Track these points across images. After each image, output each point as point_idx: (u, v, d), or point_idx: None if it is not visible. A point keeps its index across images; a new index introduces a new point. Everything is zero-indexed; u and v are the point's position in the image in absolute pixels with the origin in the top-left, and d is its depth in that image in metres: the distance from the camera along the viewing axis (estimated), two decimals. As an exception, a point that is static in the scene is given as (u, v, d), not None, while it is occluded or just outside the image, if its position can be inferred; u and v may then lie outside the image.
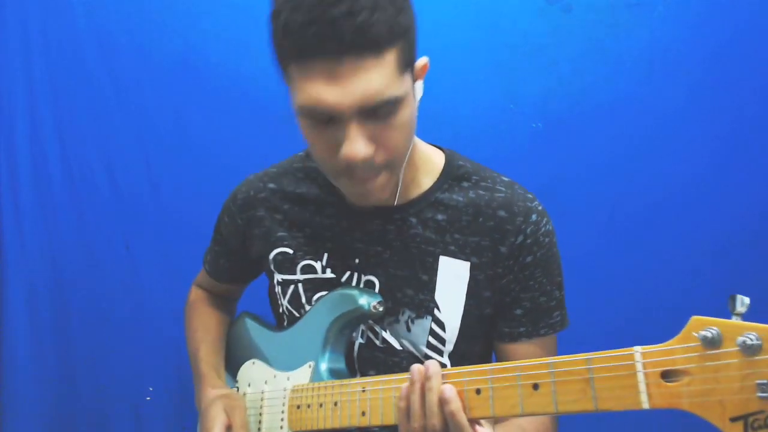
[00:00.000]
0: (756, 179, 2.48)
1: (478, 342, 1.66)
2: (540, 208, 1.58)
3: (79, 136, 2.67)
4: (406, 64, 1.33)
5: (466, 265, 1.56)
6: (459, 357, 1.60)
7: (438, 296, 1.57)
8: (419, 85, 1.46)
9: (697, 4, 2.49)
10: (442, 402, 1.23)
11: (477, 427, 1.25)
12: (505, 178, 1.62)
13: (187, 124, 2.67)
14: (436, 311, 1.57)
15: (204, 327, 1.94)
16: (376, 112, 1.29)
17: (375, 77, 1.25)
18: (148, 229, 2.67)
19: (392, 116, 1.32)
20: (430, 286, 1.57)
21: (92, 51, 2.66)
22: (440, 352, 1.59)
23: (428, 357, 1.58)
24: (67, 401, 2.67)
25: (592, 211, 2.53)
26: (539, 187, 1.63)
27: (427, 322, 1.57)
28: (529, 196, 1.59)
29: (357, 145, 1.30)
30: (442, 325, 1.57)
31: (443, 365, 1.57)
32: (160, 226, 2.66)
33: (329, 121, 1.31)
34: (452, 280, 1.56)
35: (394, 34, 1.26)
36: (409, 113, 1.37)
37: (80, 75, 2.66)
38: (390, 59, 1.27)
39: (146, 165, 2.67)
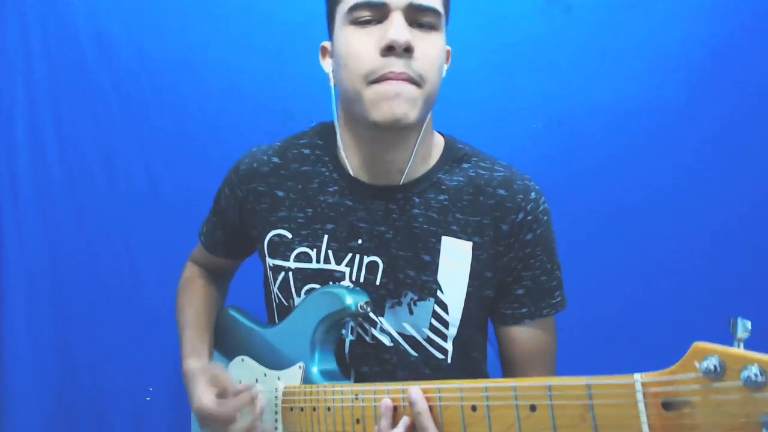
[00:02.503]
0: (756, 178, 2.49)
1: (481, 329, 1.69)
2: (537, 187, 1.62)
3: (79, 136, 2.67)
4: (446, 10, 1.52)
5: (468, 245, 1.57)
6: (463, 344, 1.62)
7: (441, 277, 1.58)
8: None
9: (697, 4, 2.49)
10: (410, 404, 1.25)
11: None
12: (503, 162, 1.67)
13: (187, 124, 2.66)
14: (438, 293, 1.58)
15: (193, 307, 1.96)
16: (421, 19, 1.43)
17: None
18: (148, 229, 2.67)
19: (432, 32, 1.45)
20: (433, 267, 1.58)
21: (92, 51, 2.65)
22: (443, 336, 1.60)
23: (431, 340, 1.60)
24: (67, 401, 2.67)
25: (592, 211, 2.54)
26: (539, 187, 1.64)
27: (429, 304, 1.58)
28: (527, 176, 1.63)
29: (402, 29, 1.39)
30: (445, 307, 1.58)
31: (446, 351, 1.61)
32: (160, 226, 2.66)
33: (375, 19, 1.43)
34: (455, 261, 1.58)
35: None
36: (442, 47, 1.51)
37: (80, 75, 2.66)
38: None
39: (146, 165, 2.67)
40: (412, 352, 1.61)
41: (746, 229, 2.50)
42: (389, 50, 1.39)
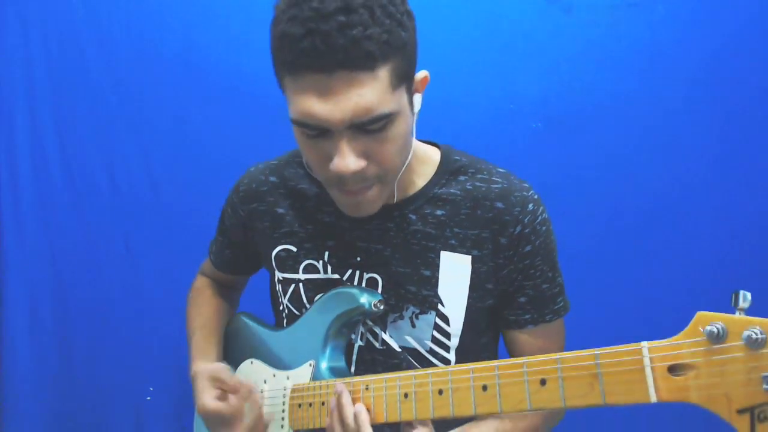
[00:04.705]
0: (756, 179, 2.49)
1: (483, 334, 1.68)
2: (536, 197, 1.59)
3: (79, 136, 2.68)
4: (401, 79, 1.32)
5: (468, 258, 1.56)
6: (464, 351, 1.61)
7: (441, 291, 1.57)
8: (418, 98, 1.45)
9: (697, 4, 2.49)
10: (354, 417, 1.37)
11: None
12: (501, 170, 1.63)
13: (187, 124, 2.67)
14: (440, 306, 1.57)
15: (203, 315, 1.95)
16: (368, 127, 1.29)
17: (367, 93, 1.25)
18: (148, 229, 2.67)
19: (384, 131, 1.32)
20: (433, 282, 1.57)
21: (92, 51, 2.66)
22: (446, 348, 1.59)
23: (433, 352, 1.59)
24: (67, 401, 2.68)
25: (592, 211, 2.54)
26: (539, 187, 1.63)
27: (431, 318, 1.57)
28: (525, 185, 1.60)
29: (347, 160, 1.31)
30: (446, 320, 1.57)
31: (448, 361, 1.60)
32: (160, 226, 2.66)
33: (321, 134, 1.31)
34: (454, 275, 1.57)
35: (389, 50, 1.25)
36: (403, 128, 1.37)
37: (80, 75, 2.66)
38: (383, 75, 1.27)
39: (146, 165, 2.67)
40: (415, 364, 1.60)
41: (746, 229, 2.50)
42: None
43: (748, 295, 0.91)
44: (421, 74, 1.44)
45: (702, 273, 2.50)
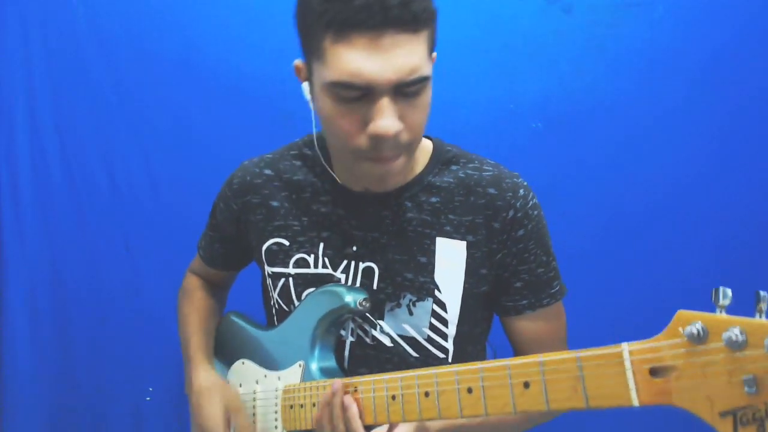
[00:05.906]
0: (754, 179, 2.49)
1: (479, 323, 1.69)
2: (525, 183, 1.61)
3: (79, 136, 2.68)
4: (431, 48, 1.37)
5: (463, 244, 1.58)
6: (462, 340, 1.63)
7: (437, 277, 1.58)
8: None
9: (697, 4, 2.49)
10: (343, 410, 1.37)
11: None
12: (490, 161, 1.66)
13: (186, 124, 2.67)
14: (436, 292, 1.58)
15: (198, 315, 1.95)
16: (407, 90, 1.32)
17: (412, 53, 1.28)
18: (148, 229, 2.68)
19: (419, 96, 1.35)
20: (429, 268, 1.58)
21: (92, 51, 2.66)
22: (444, 336, 1.60)
23: (431, 340, 1.60)
24: (67, 401, 2.68)
25: (591, 211, 2.54)
26: (539, 187, 1.63)
27: (428, 304, 1.58)
28: (515, 173, 1.63)
29: (390, 120, 1.31)
30: (443, 306, 1.58)
31: (446, 350, 1.61)
32: (160, 226, 2.67)
33: (360, 98, 1.32)
34: (450, 261, 1.58)
35: (429, 16, 1.31)
36: (430, 97, 1.40)
37: (80, 75, 2.67)
38: (423, 39, 1.31)
39: (146, 165, 2.68)
40: (413, 353, 1.61)
41: (746, 229, 2.50)
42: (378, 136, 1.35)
43: (729, 292, 0.90)
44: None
45: (702, 272, 2.51)
